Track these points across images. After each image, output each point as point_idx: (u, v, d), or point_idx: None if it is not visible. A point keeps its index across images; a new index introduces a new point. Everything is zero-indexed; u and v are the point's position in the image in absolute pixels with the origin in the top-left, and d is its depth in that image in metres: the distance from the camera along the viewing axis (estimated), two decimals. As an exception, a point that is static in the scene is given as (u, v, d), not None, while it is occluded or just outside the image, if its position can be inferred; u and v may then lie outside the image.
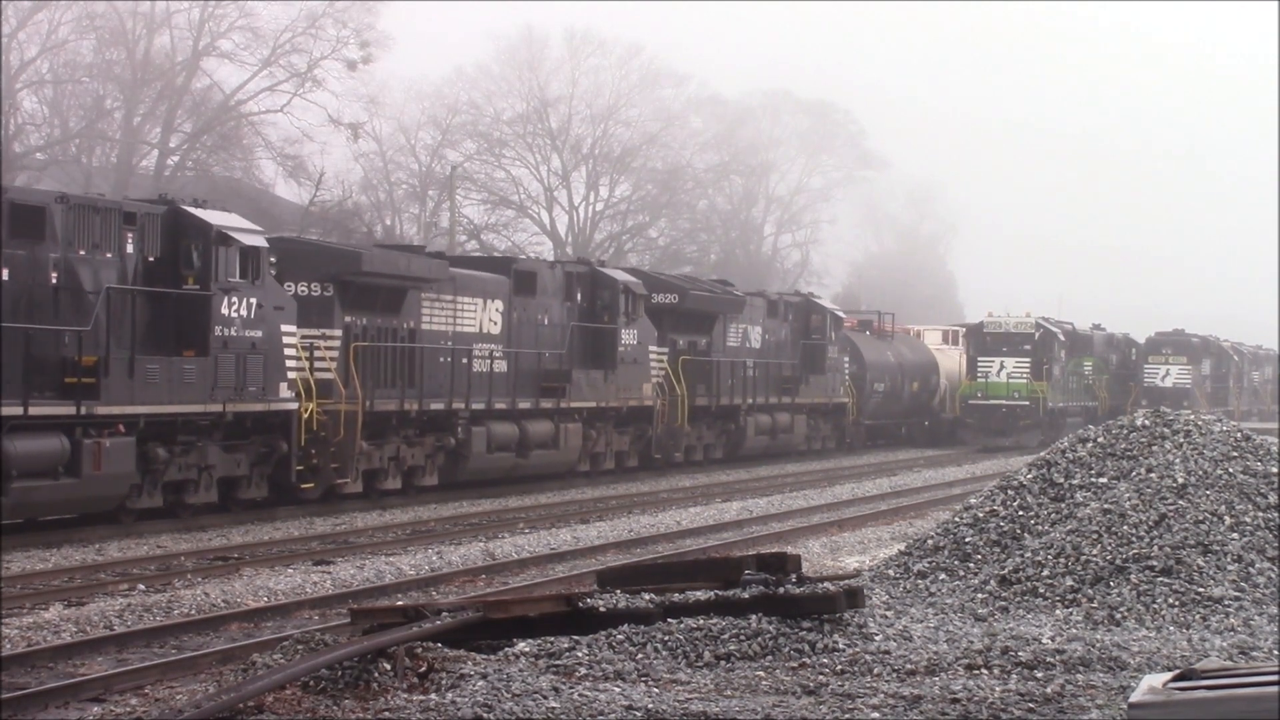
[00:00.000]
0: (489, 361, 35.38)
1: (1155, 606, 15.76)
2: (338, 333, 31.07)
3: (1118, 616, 15.62)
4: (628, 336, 40.18)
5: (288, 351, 29.13)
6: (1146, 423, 18.68)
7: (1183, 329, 76.33)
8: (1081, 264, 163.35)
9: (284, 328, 29.05)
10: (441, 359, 33.79)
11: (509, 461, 35.98)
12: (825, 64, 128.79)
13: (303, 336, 29.86)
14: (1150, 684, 9.82)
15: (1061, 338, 63.41)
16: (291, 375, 29.22)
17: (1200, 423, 18.65)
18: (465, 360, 34.41)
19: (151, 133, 64.63)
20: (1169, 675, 10.04)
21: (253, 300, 28.07)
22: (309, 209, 64.32)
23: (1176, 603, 15.80)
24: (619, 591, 15.03)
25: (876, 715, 12.20)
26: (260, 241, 28.28)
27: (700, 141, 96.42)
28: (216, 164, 64.77)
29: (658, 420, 41.90)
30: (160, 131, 64.50)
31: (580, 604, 14.59)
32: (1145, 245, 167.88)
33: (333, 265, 31.24)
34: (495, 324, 35.86)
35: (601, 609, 14.49)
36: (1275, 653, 14.32)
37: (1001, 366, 60.93)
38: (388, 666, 13.07)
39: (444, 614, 14.26)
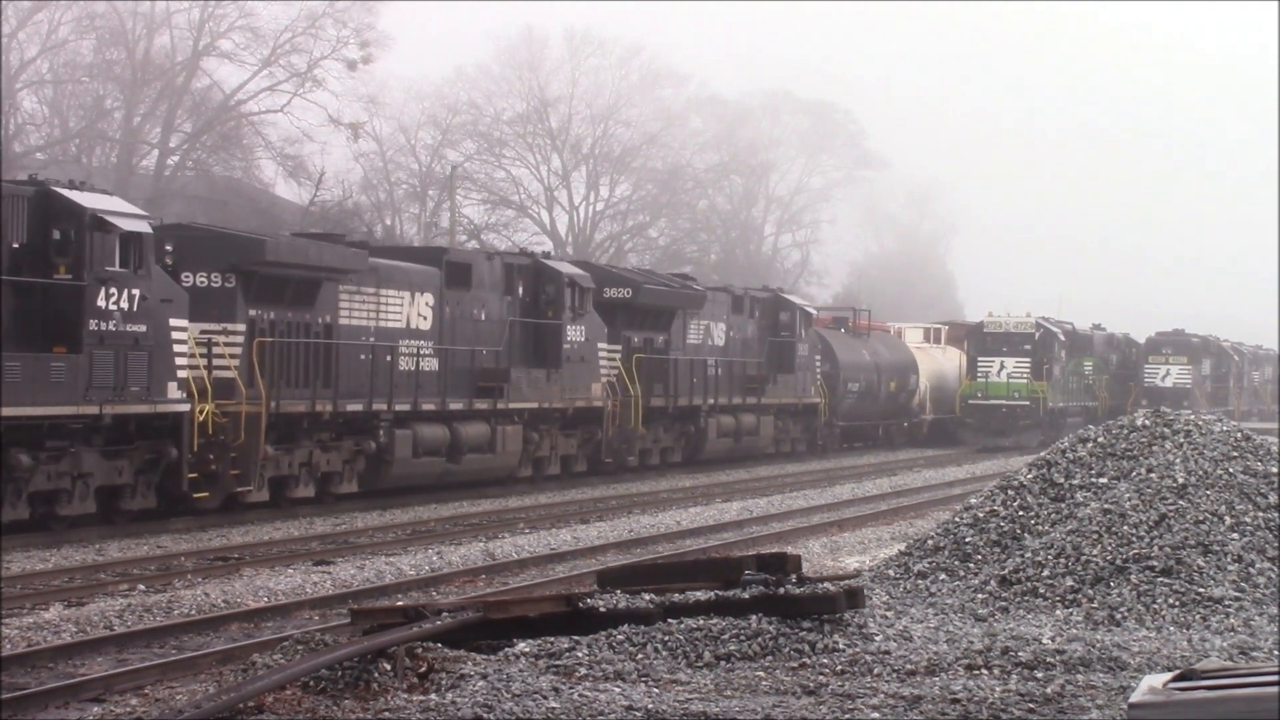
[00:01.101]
0: (417, 359, 33.01)
1: (1155, 607, 15.76)
2: (241, 327, 28.80)
3: (1118, 616, 15.62)
4: (574, 333, 37.88)
5: (178, 348, 26.53)
6: (1146, 423, 18.67)
7: (1183, 329, 76.34)
8: (1082, 263, 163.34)
9: (173, 321, 26.41)
10: (362, 356, 31.45)
11: (438, 467, 33.64)
12: (825, 64, 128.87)
13: (201, 332, 27.84)
14: (1150, 684, 9.82)
15: (1061, 338, 63.41)
16: (183, 374, 26.68)
17: (1200, 423, 18.65)
18: (389, 358, 32.08)
19: (151, 133, 64.64)
20: (1169, 675, 10.04)
21: (135, 291, 25.40)
22: (309, 209, 64.31)
23: (1176, 603, 15.80)
24: (619, 591, 15.03)
25: (876, 715, 12.20)
26: (143, 227, 25.67)
27: (700, 141, 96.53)
28: (216, 164, 64.78)
29: (608, 422, 39.56)
30: (160, 131, 64.51)
31: (580, 604, 14.59)
32: (1145, 245, 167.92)
33: (234, 254, 28.81)
34: (425, 319, 33.47)
35: (601, 609, 14.49)
36: (1275, 653, 14.32)
37: (1001, 366, 60.95)
38: (388, 666, 13.07)
39: (444, 614, 14.26)
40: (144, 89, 63.41)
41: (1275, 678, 9.63)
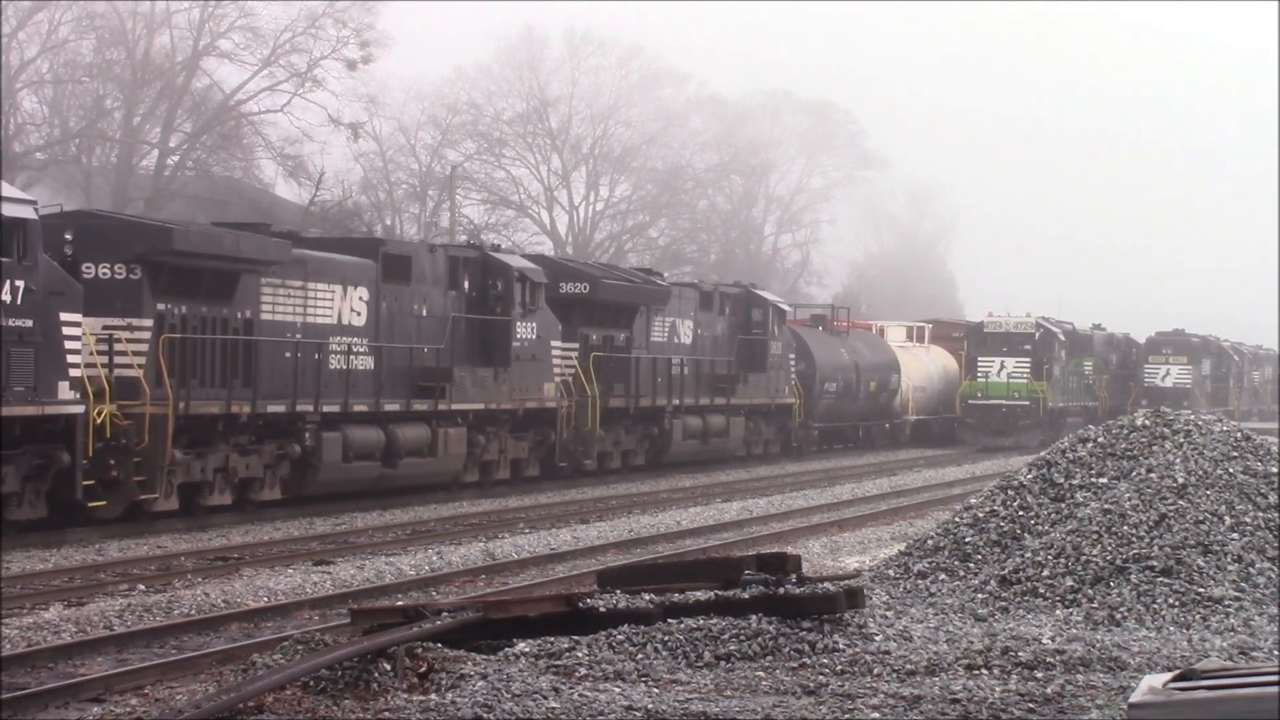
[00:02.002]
0: (348, 357, 30.97)
1: (1155, 606, 15.76)
2: (147, 322, 26.73)
3: (1118, 616, 15.62)
4: (525, 330, 35.93)
5: (70, 344, 24.49)
6: (1146, 423, 18.68)
7: (1183, 329, 76.39)
8: (1082, 263, 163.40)
9: (65, 316, 24.34)
10: (286, 354, 29.41)
11: (372, 472, 31.59)
12: (825, 64, 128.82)
13: (102, 327, 26.05)
14: (1150, 684, 9.82)
15: (1061, 338, 63.42)
16: (76, 373, 24.60)
17: (1200, 423, 18.65)
18: (317, 356, 30.07)
19: (151, 133, 64.63)
20: (1169, 675, 10.04)
21: (19, 283, 23.37)
22: (309, 209, 64.31)
23: (1176, 603, 15.80)
24: (619, 591, 15.03)
25: (876, 715, 12.20)
26: (27, 212, 23.62)
27: (700, 141, 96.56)
28: (216, 164, 64.78)
29: (562, 424, 37.53)
30: (160, 131, 64.51)
31: (580, 604, 14.59)
32: (1146, 244, 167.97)
33: (140, 243, 26.68)
34: (359, 314, 31.46)
35: (601, 609, 14.49)
36: (1275, 653, 14.32)
37: (1001, 366, 60.97)
38: (388, 666, 13.07)
39: (444, 614, 14.26)
40: (144, 89, 63.41)
41: (1275, 678, 9.63)
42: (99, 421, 25.34)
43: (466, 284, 34.74)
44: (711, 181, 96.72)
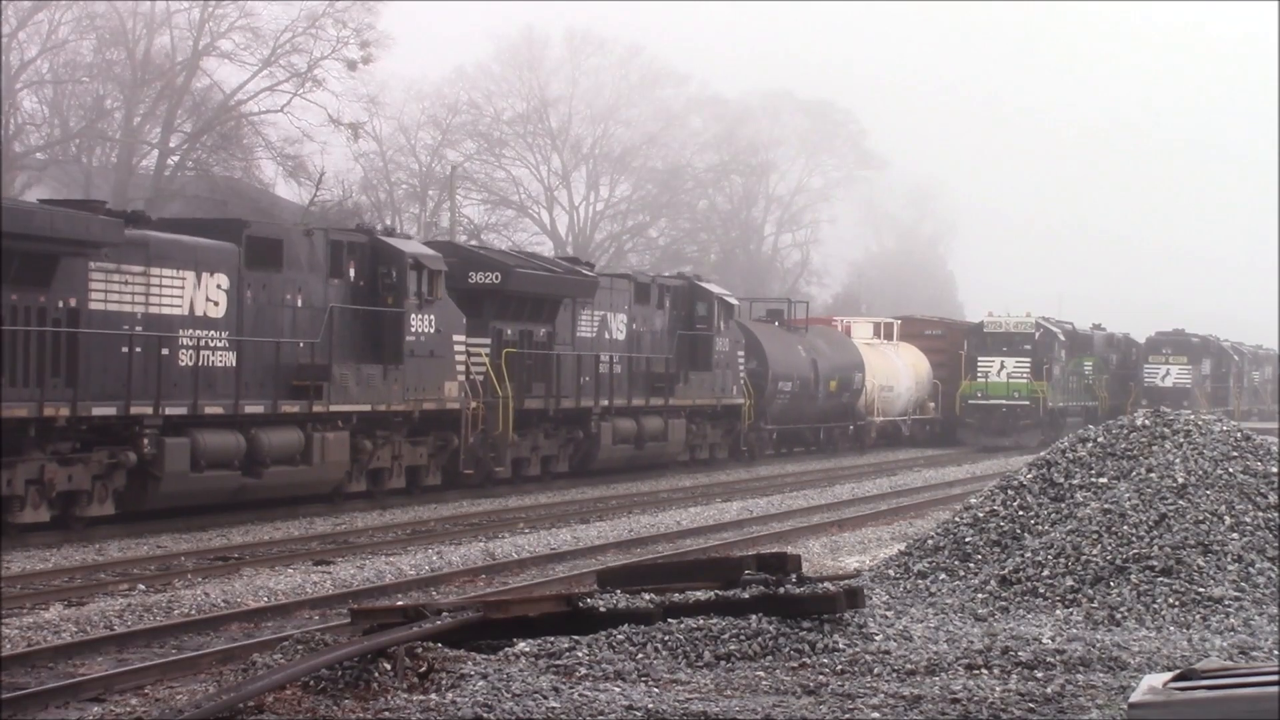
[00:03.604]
0: (201, 353, 27.60)
1: (1155, 606, 15.76)
2: None
3: (1118, 616, 15.62)
4: (421, 323, 32.33)
5: None
6: (1146, 423, 18.68)
7: (1183, 329, 76.42)
8: (1082, 263, 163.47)
9: None
10: (123, 349, 26.11)
11: (230, 482, 28.06)
12: (825, 63, 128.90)
13: None
14: (1150, 684, 9.82)
15: (1061, 338, 63.42)
16: None
17: (1200, 423, 18.65)
18: (163, 351, 26.75)
19: (151, 133, 64.63)
20: (1169, 675, 10.04)
21: None
22: (309, 209, 64.30)
23: (1176, 603, 15.80)
24: (619, 591, 15.03)
25: (876, 715, 12.20)
26: None
27: (700, 141, 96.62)
28: (216, 164, 64.76)
29: (467, 428, 33.89)
30: (160, 131, 64.50)
31: (580, 604, 14.60)
32: (1146, 244, 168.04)
33: None
34: (216, 305, 27.86)
35: (601, 609, 14.50)
36: (1275, 653, 14.32)
37: (1001, 366, 60.96)
38: (388, 666, 13.07)
39: (444, 614, 14.26)
40: (144, 89, 63.40)
41: (1275, 678, 9.63)
42: None
43: (352, 272, 31.20)
44: (711, 181, 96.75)
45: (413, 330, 32.18)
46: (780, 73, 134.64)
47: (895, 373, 58.95)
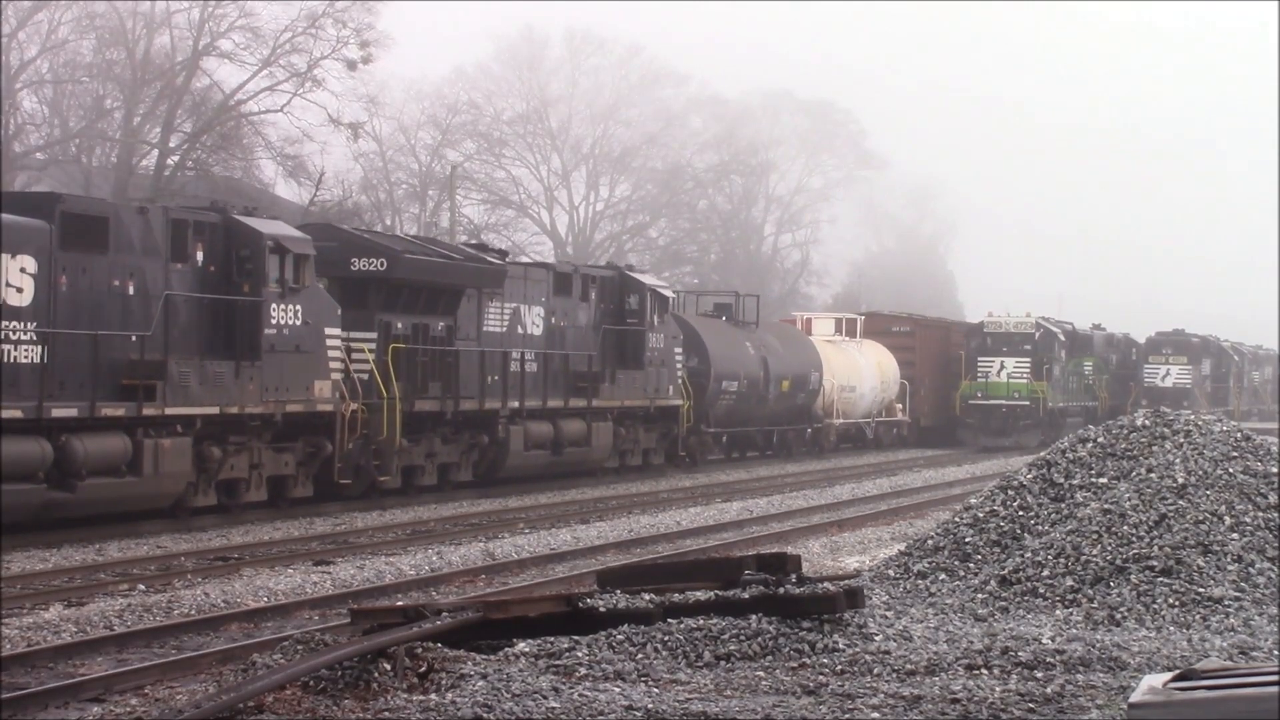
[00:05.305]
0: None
1: (1155, 606, 15.76)
2: None
3: (1118, 616, 15.62)
4: (284, 313, 28.75)
5: None
6: (1146, 423, 18.68)
7: (1183, 329, 76.46)
8: (1082, 263, 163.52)
9: None
10: None
11: (33, 497, 24.39)
12: (825, 63, 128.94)
13: None
14: (1150, 684, 9.82)
15: (1061, 338, 63.44)
16: None
17: (1200, 423, 18.66)
18: None
19: (151, 133, 64.63)
20: (1169, 675, 10.05)
21: None
22: (309, 209, 64.31)
23: (1176, 603, 15.80)
24: (619, 591, 15.03)
25: (876, 715, 12.20)
26: None
27: (700, 141, 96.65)
28: (216, 164, 64.75)
29: (342, 432, 30.28)
30: (160, 131, 64.50)
31: (580, 604, 14.60)
32: (1146, 244, 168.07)
33: None
34: (19, 291, 24.47)
35: (601, 609, 14.50)
36: (1275, 653, 14.32)
37: (1001, 366, 60.97)
38: (388, 666, 13.08)
39: (444, 614, 14.27)
40: (144, 89, 63.40)
41: (1275, 678, 9.63)
42: None
43: (200, 255, 27.65)
44: (711, 181, 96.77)
45: (273, 322, 28.58)
46: (780, 73, 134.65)
47: (858, 372, 55.41)
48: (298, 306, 29.02)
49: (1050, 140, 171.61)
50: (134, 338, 26.04)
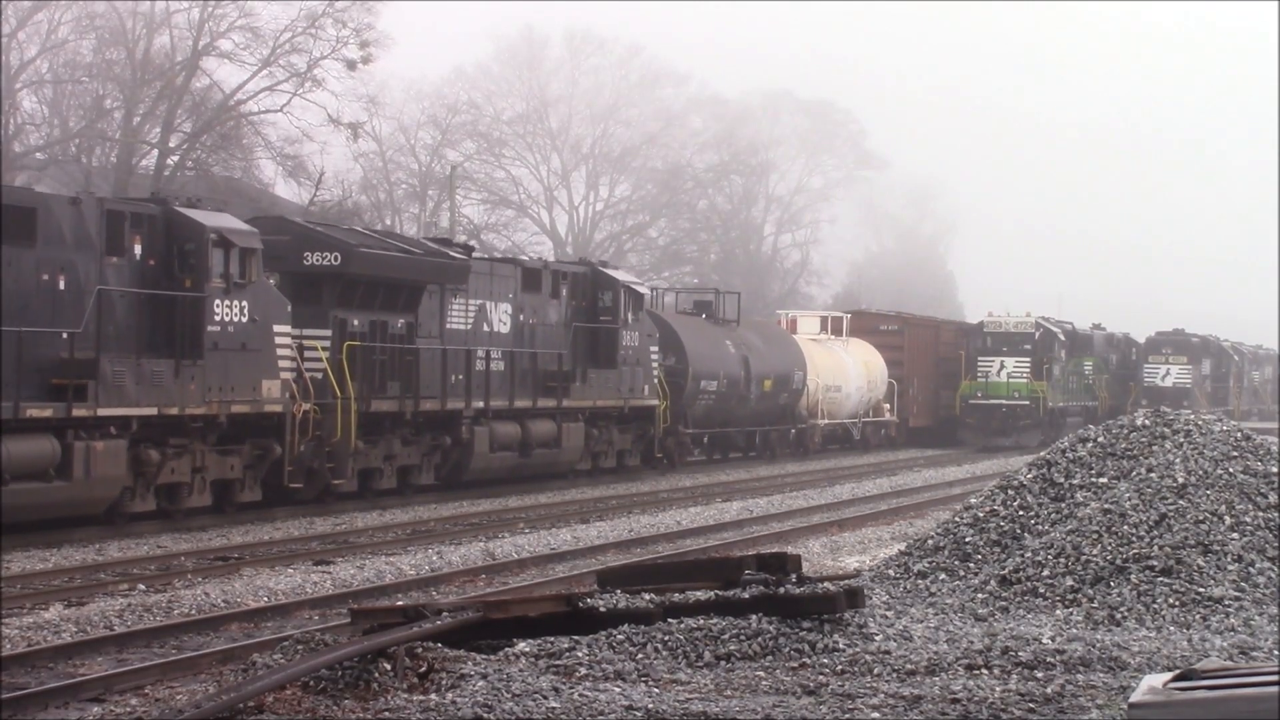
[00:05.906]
0: None
1: (1155, 606, 15.76)
2: None
3: (1118, 616, 15.62)
4: (229, 310, 27.42)
5: None
6: (1146, 423, 18.68)
7: (1183, 329, 76.48)
8: (1082, 262, 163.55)
9: None
10: None
11: None
12: (825, 63, 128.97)
13: None
14: (1150, 684, 9.82)
15: (1061, 337, 63.44)
16: None
17: (1200, 423, 18.66)
18: None
19: (151, 133, 64.63)
20: (1169, 675, 10.05)
21: None
22: (309, 209, 64.32)
23: (1176, 603, 15.80)
24: (619, 591, 15.04)
25: (876, 715, 12.20)
26: None
27: (700, 141, 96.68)
28: (216, 164, 64.75)
29: (294, 434, 29.03)
30: (160, 131, 64.50)
31: (580, 604, 14.60)
32: (1146, 243, 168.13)
33: None
34: None
35: (601, 609, 14.50)
36: (1275, 653, 14.32)
37: (1001, 366, 60.98)
38: (388, 666, 13.08)
39: (444, 614, 14.26)
40: (144, 89, 63.40)
41: (1275, 678, 9.63)
42: None
43: (138, 249, 26.33)
44: (711, 181, 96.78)
45: (217, 319, 27.24)
46: (780, 73, 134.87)
47: (843, 371, 54.07)
48: (244, 302, 27.73)
49: (1050, 140, 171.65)
50: (64, 335, 24.62)
